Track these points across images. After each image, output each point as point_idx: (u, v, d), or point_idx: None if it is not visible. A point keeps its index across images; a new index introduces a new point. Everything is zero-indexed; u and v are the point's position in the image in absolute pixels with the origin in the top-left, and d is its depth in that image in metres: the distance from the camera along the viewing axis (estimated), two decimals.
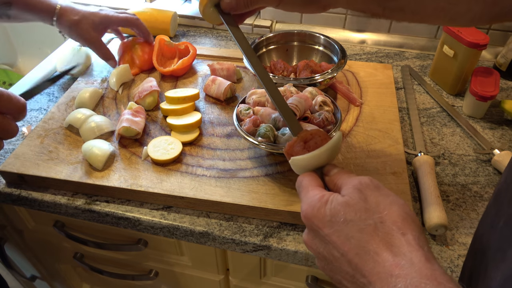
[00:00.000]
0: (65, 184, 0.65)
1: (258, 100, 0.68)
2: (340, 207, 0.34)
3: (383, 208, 0.33)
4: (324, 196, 0.36)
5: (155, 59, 0.86)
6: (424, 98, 0.86)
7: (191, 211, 0.63)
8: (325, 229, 0.34)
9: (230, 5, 0.53)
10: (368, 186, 0.35)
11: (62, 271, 0.97)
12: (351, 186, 0.36)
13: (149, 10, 1.03)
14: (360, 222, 0.33)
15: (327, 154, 0.41)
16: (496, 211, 0.37)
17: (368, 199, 0.34)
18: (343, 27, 1.05)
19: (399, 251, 0.31)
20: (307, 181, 0.39)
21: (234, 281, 0.77)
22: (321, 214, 0.35)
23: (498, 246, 0.35)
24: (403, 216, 0.33)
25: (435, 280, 0.29)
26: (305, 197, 0.38)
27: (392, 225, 0.32)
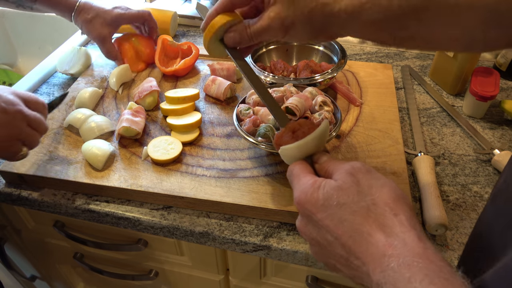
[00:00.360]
0: (65, 184, 0.65)
1: (258, 100, 0.68)
2: (333, 191, 0.35)
3: (375, 191, 0.34)
4: (317, 182, 0.36)
5: (157, 59, 0.86)
6: (424, 98, 0.86)
7: (191, 211, 0.63)
8: (318, 214, 0.35)
9: (234, 39, 0.50)
10: (360, 170, 0.36)
11: (62, 271, 0.97)
12: (344, 171, 0.36)
13: (149, 10, 1.03)
14: (353, 205, 0.33)
15: (315, 142, 0.41)
16: (495, 211, 0.37)
17: (360, 182, 0.35)
18: None
19: (391, 232, 0.31)
20: (298, 169, 0.40)
21: (234, 281, 0.77)
22: (314, 199, 0.35)
23: (499, 245, 0.35)
24: (394, 197, 0.33)
25: (427, 259, 0.29)
26: (297, 184, 0.38)
27: (385, 207, 0.33)
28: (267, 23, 0.45)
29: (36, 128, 0.58)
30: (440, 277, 0.28)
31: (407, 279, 0.28)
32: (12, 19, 1.24)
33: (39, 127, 0.58)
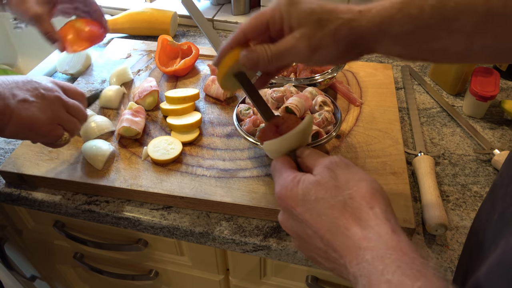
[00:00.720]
0: (65, 184, 0.65)
1: None
2: (312, 186, 0.35)
3: (352, 185, 0.35)
4: (296, 177, 0.37)
5: (157, 59, 0.86)
6: (424, 98, 0.86)
7: (191, 211, 0.63)
8: (298, 208, 0.35)
9: (251, 60, 0.44)
10: (338, 165, 0.37)
11: (62, 271, 0.97)
12: (323, 165, 0.37)
13: (149, 10, 1.03)
14: (331, 199, 0.34)
15: (298, 137, 0.41)
16: (492, 206, 0.38)
17: (338, 177, 0.35)
18: None
19: (367, 225, 0.32)
20: (280, 164, 0.40)
21: (234, 281, 0.77)
22: (294, 194, 0.36)
23: (492, 240, 0.35)
24: (371, 191, 0.34)
25: (400, 251, 0.30)
26: (278, 179, 0.39)
27: (361, 200, 0.33)
28: (291, 43, 0.42)
29: (75, 115, 0.59)
30: (412, 269, 0.28)
31: (380, 271, 0.29)
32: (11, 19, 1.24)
33: (78, 114, 0.59)
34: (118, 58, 0.93)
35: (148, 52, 0.95)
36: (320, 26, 0.41)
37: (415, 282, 0.27)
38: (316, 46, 0.41)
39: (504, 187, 0.37)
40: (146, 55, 0.94)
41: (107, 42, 1.03)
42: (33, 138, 0.57)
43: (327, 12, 0.41)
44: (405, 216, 0.58)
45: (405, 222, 0.57)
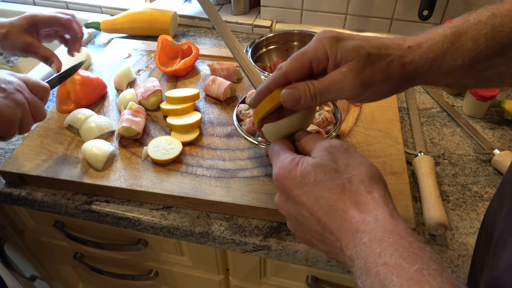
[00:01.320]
0: (65, 184, 0.65)
1: None
2: (311, 168, 0.35)
3: (351, 169, 0.35)
4: (295, 159, 0.37)
5: (157, 59, 0.86)
6: (424, 98, 0.86)
7: (191, 211, 0.63)
8: (295, 190, 0.35)
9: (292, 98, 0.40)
10: (338, 149, 0.37)
11: (62, 271, 0.97)
12: (322, 148, 0.37)
13: (149, 10, 1.03)
14: (329, 182, 0.34)
15: (299, 121, 0.41)
16: (500, 202, 0.38)
17: (338, 161, 0.36)
18: (343, 27, 1.05)
19: (365, 208, 0.32)
20: (279, 147, 0.40)
21: (234, 281, 0.77)
22: (292, 176, 0.36)
23: (500, 236, 0.35)
24: (370, 176, 0.34)
25: (397, 234, 0.30)
26: (277, 161, 0.39)
27: (360, 184, 0.34)
28: (339, 78, 0.39)
29: (34, 114, 0.57)
30: (409, 252, 0.29)
31: (377, 254, 0.29)
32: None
33: (37, 114, 0.58)
34: (118, 58, 0.93)
35: (148, 52, 0.95)
36: (370, 62, 0.39)
37: (412, 265, 0.28)
38: (367, 82, 0.39)
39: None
40: (146, 55, 0.94)
41: (107, 42, 1.03)
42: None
43: (377, 47, 0.39)
44: (405, 216, 0.58)
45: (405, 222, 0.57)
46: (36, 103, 0.57)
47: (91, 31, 1.06)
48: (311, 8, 1.04)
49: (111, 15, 1.11)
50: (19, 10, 1.21)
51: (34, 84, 0.58)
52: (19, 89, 0.55)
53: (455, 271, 0.55)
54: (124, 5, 1.13)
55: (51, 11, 0.77)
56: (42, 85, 0.60)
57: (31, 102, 0.56)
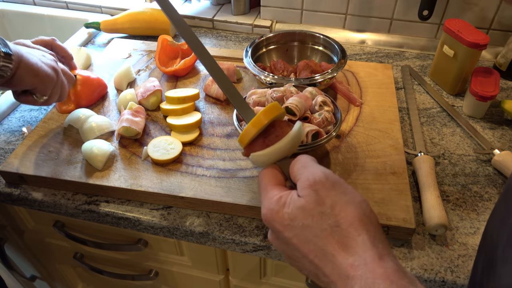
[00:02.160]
0: (65, 184, 0.65)
1: (258, 100, 0.68)
2: (298, 212, 0.35)
3: (338, 210, 0.34)
4: (282, 198, 0.36)
5: (157, 59, 0.86)
6: (424, 98, 0.86)
7: (191, 211, 0.63)
8: (285, 233, 0.35)
9: None
10: (323, 186, 0.35)
11: (62, 271, 0.97)
12: (308, 185, 0.36)
13: (149, 10, 1.03)
14: (317, 228, 0.33)
15: (288, 146, 0.40)
16: (506, 208, 0.37)
17: (325, 201, 0.34)
18: (343, 27, 1.05)
19: (354, 252, 0.32)
20: (266, 180, 0.39)
21: (234, 281, 0.77)
22: (280, 218, 0.35)
23: (507, 242, 0.35)
24: (359, 216, 0.33)
25: (387, 279, 0.30)
26: (264, 199, 0.38)
27: (348, 228, 0.33)
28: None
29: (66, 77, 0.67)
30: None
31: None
32: (12, 19, 1.24)
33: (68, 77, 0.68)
34: (118, 58, 0.93)
35: (148, 52, 0.95)
36: None
37: None
38: None
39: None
40: (146, 55, 0.94)
41: (107, 42, 1.03)
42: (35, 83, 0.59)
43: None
44: (405, 216, 0.58)
45: (405, 222, 0.57)
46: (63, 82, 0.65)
47: (91, 31, 1.06)
48: (311, 8, 1.04)
49: (111, 15, 1.11)
50: (19, 10, 1.21)
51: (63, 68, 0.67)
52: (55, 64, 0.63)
53: (455, 271, 0.55)
54: (124, 5, 1.13)
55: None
56: (69, 73, 0.69)
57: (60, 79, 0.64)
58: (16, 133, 0.78)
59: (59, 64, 0.66)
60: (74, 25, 1.13)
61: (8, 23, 1.26)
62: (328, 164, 0.66)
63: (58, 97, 0.65)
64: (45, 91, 0.62)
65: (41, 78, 0.60)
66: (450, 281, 0.54)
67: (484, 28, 0.95)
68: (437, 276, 0.55)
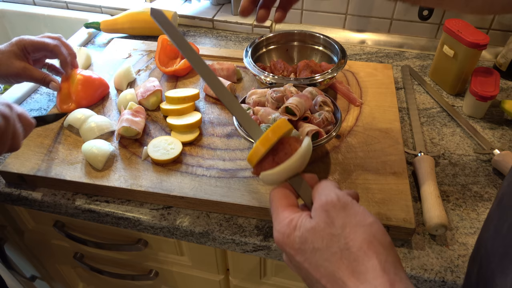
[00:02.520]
0: (65, 184, 0.65)
1: (258, 100, 0.68)
2: (308, 234, 0.34)
3: (348, 232, 0.33)
4: (293, 221, 0.36)
5: (157, 59, 0.86)
6: (424, 98, 0.86)
7: (191, 211, 0.63)
8: (297, 257, 0.35)
9: None
10: (334, 206, 0.35)
11: (62, 271, 0.97)
12: (319, 205, 0.35)
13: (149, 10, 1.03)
14: (327, 251, 0.33)
15: (298, 164, 0.39)
16: (500, 216, 0.37)
17: (335, 222, 0.34)
18: (343, 27, 1.05)
19: (364, 278, 0.31)
20: (277, 201, 0.39)
21: (234, 281, 0.77)
22: (291, 242, 0.35)
23: (504, 252, 0.34)
24: (368, 239, 0.32)
25: None
26: (275, 221, 0.38)
27: (358, 251, 0.32)
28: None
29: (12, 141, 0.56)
30: None
31: None
32: (11, 19, 1.24)
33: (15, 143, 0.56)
34: (118, 58, 0.93)
35: (148, 52, 0.95)
36: None
37: None
38: None
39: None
40: (146, 55, 0.94)
41: (107, 42, 1.03)
42: None
43: None
44: (405, 216, 0.58)
45: (405, 222, 0.57)
46: (17, 134, 0.56)
47: (91, 31, 1.06)
48: (311, 8, 1.04)
49: (111, 15, 1.11)
50: (19, 10, 1.21)
51: (22, 116, 0.57)
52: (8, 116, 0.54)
53: (455, 271, 0.55)
54: (124, 5, 1.13)
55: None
56: (29, 120, 0.59)
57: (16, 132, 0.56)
58: None
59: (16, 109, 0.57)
60: (74, 25, 1.13)
61: (8, 23, 1.26)
62: (328, 164, 0.66)
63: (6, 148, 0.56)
64: None
65: None
66: (450, 281, 0.54)
67: (484, 28, 0.95)
68: (437, 276, 0.55)
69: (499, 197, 0.38)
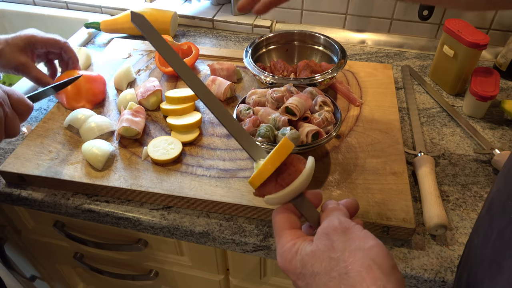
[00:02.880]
0: (65, 184, 0.65)
1: (258, 100, 0.68)
2: (308, 258, 0.34)
3: (348, 256, 0.33)
4: (295, 245, 0.36)
5: (157, 59, 0.86)
6: (424, 98, 0.86)
7: (191, 211, 0.63)
8: (298, 282, 0.35)
9: None
10: (335, 230, 0.34)
11: (62, 271, 0.97)
12: (320, 230, 0.35)
13: (149, 10, 1.03)
14: (326, 275, 0.33)
15: (302, 185, 0.39)
16: (489, 223, 0.37)
17: (334, 245, 0.34)
18: (343, 27, 1.05)
19: None
20: (280, 223, 0.39)
21: (234, 281, 0.77)
22: (293, 267, 0.35)
23: (492, 258, 0.34)
24: (368, 264, 0.32)
25: None
26: (278, 245, 0.37)
27: (356, 276, 0.31)
28: None
29: (8, 129, 0.54)
30: None
31: None
32: (12, 19, 1.24)
33: (11, 130, 0.54)
34: (118, 58, 0.93)
35: (148, 52, 0.95)
36: None
37: None
38: None
39: (502, 203, 0.36)
40: (146, 55, 0.94)
41: (107, 42, 1.03)
42: None
43: None
44: (405, 216, 0.58)
45: (405, 222, 0.57)
46: (13, 120, 0.54)
47: (91, 31, 1.06)
48: (311, 8, 1.04)
49: (111, 15, 1.11)
50: (19, 10, 1.21)
51: (18, 99, 0.55)
52: (1, 101, 0.52)
53: (455, 271, 0.55)
54: (124, 5, 1.13)
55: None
56: (26, 102, 0.56)
57: (9, 117, 0.53)
58: None
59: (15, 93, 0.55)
60: (74, 25, 1.13)
61: (8, 23, 1.26)
62: (328, 164, 0.66)
63: (3, 136, 0.54)
64: None
65: None
66: (450, 281, 0.54)
67: (484, 28, 0.95)
68: (437, 276, 0.55)
69: (488, 203, 0.38)
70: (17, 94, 0.55)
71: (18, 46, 0.72)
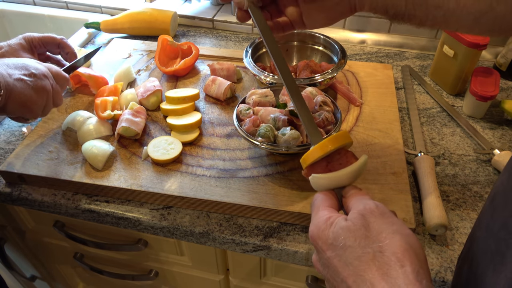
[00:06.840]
0: (65, 184, 0.65)
1: (258, 100, 0.68)
2: (341, 231, 0.34)
3: (384, 237, 0.33)
4: (330, 218, 0.36)
5: (157, 59, 0.86)
6: (424, 98, 0.86)
7: (191, 211, 0.63)
8: (327, 252, 0.35)
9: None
10: (372, 212, 0.35)
11: (62, 271, 0.97)
12: (356, 211, 0.36)
13: (149, 10, 1.03)
14: (359, 249, 0.33)
15: (350, 176, 0.40)
16: (492, 214, 0.37)
17: (370, 226, 0.34)
18: (343, 27, 1.05)
19: (395, 283, 0.30)
20: (320, 201, 0.39)
21: (234, 281, 0.77)
22: (325, 236, 0.35)
23: (495, 249, 0.34)
24: (404, 247, 0.32)
25: None
26: (314, 217, 0.38)
27: (391, 256, 0.31)
28: None
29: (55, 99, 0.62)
30: None
31: None
32: (12, 19, 1.24)
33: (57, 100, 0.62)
34: (118, 58, 0.93)
35: (148, 52, 0.95)
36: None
37: None
38: None
39: (506, 195, 0.36)
40: (146, 55, 0.94)
41: (107, 42, 1.03)
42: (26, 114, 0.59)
43: None
44: (405, 216, 0.58)
45: (405, 222, 0.57)
46: (57, 90, 0.62)
47: (91, 31, 1.06)
48: None
49: (111, 15, 1.11)
50: (19, 10, 1.21)
51: (56, 72, 0.62)
52: (46, 75, 0.60)
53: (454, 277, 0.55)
54: (124, 5, 1.13)
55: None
56: (63, 75, 0.64)
57: (54, 89, 0.61)
58: (16, 133, 0.78)
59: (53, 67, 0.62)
60: (74, 25, 1.13)
61: (8, 23, 1.26)
62: None
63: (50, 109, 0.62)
64: (36, 116, 0.61)
65: (30, 108, 0.58)
66: (450, 281, 0.54)
67: None
68: (437, 276, 0.55)
69: (492, 196, 0.38)
70: (54, 68, 0.63)
71: (21, 45, 0.74)
